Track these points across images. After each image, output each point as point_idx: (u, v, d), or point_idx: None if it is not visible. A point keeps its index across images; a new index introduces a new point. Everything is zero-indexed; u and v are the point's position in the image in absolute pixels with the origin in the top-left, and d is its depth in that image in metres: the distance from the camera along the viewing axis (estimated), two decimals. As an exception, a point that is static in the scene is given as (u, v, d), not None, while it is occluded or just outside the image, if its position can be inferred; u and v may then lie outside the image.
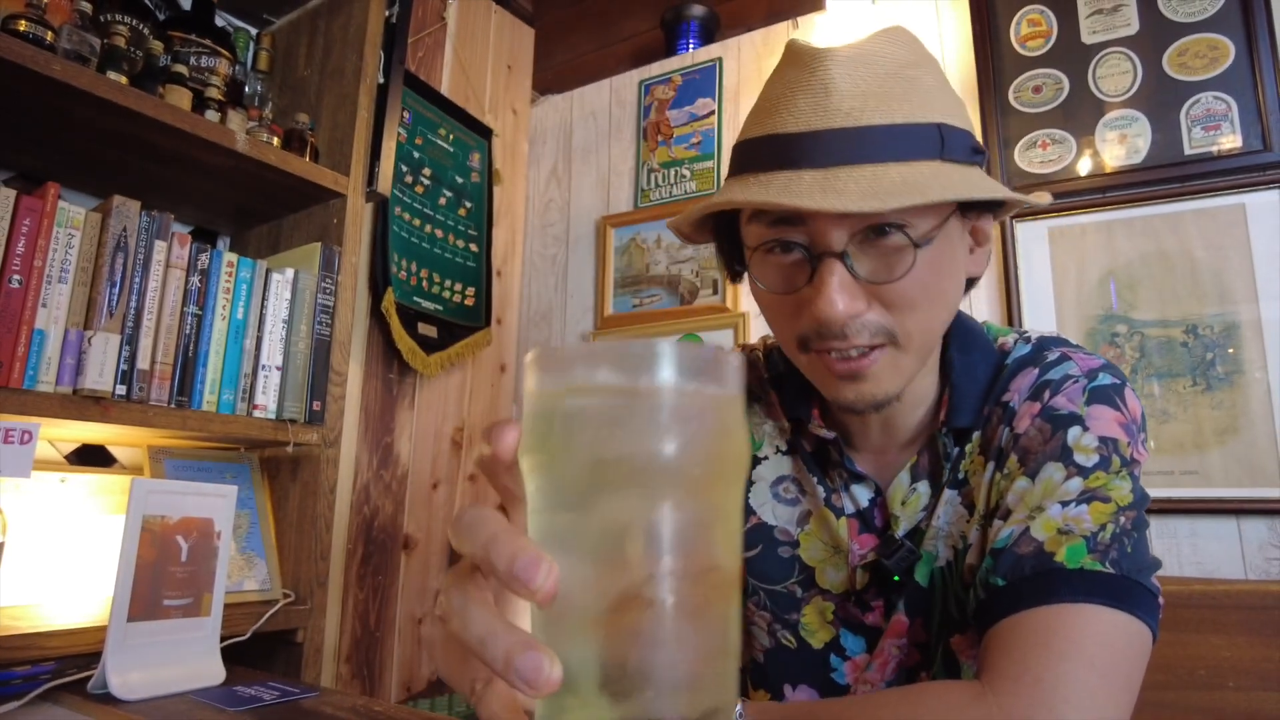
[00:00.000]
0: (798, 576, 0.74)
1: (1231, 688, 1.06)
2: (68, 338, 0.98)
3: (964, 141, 0.60)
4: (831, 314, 0.58)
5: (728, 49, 2.04)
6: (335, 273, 1.28)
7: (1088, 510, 0.57)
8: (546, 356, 0.32)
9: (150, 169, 1.20)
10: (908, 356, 0.62)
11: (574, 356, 0.32)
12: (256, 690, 0.87)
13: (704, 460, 0.30)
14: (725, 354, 0.31)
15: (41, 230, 0.97)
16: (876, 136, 0.56)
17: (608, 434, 0.30)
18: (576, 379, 0.31)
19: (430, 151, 1.81)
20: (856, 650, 0.71)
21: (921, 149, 0.57)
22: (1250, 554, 1.30)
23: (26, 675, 0.88)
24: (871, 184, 0.55)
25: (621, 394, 0.30)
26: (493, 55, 2.07)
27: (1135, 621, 0.54)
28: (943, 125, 0.58)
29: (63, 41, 1.01)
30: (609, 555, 0.30)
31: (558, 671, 0.28)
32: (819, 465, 0.74)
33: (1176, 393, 1.39)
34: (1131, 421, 0.63)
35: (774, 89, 0.62)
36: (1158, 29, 1.51)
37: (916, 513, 0.69)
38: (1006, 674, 0.52)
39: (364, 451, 1.62)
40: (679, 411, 0.30)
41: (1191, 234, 1.43)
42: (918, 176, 0.56)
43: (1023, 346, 0.70)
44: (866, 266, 0.59)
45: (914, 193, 0.54)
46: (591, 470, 0.30)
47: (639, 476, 0.29)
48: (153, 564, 0.86)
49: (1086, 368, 0.65)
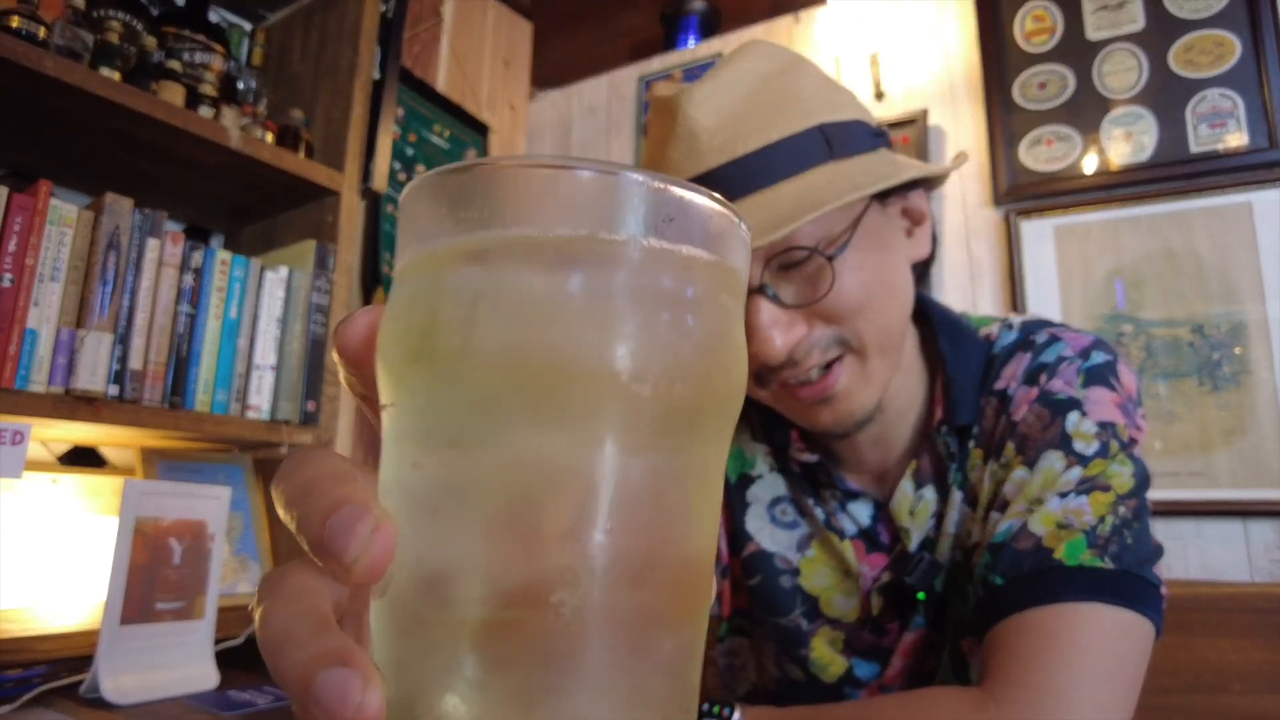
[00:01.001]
0: (801, 608, 0.69)
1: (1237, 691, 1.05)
2: (60, 337, 0.97)
3: (856, 132, 0.58)
4: (771, 352, 0.56)
5: (728, 43, 2.02)
6: (330, 271, 1.27)
7: (1088, 501, 0.56)
8: (432, 188, 0.21)
9: (143, 166, 1.19)
10: (872, 360, 0.60)
11: (478, 187, 0.20)
12: (250, 695, 0.86)
13: (688, 378, 0.19)
14: (724, 204, 0.22)
15: (33, 228, 0.96)
16: (756, 162, 0.55)
17: (526, 326, 0.18)
18: (474, 235, 0.19)
19: (425, 148, 1.79)
20: (871, 676, 0.68)
21: (808, 157, 0.55)
22: (1256, 556, 1.28)
23: (18, 679, 0.88)
24: (764, 212, 0.54)
25: (557, 261, 0.19)
26: (490, 50, 2.05)
27: (1138, 618, 0.53)
28: (825, 125, 0.56)
29: (55, 37, 1.00)
30: (504, 522, 0.19)
31: (374, 702, 0.18)
32: (811, 486, 0.70)
33: (1183, 393, 1.37)
34: (1128, 399, 0.61)
35: (650, 148, 0.61)
36: (1163, 25, 1.50)
37: (927, 520, 0.65)
38: (1009, 679, 0.51)
39: (358, 452, 1.61)
40: (657, 294, 0.19)
41: (1198, 232, 1.41)
42: (810, 188, 0.54)
43: (1008, 333, 0.68)
44: (790, 291, 0.57)
45: (808, 208, 0.52)
46: (493, 386, 0.19)
47: (577, 399, 0.18)
48: (145, 566, 0.85)
49: (1079, 347, 0.63)
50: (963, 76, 1.68)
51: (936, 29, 1.74)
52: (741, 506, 0.73)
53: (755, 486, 0.73)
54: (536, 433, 0.19)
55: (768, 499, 0.73)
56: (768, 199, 0.54)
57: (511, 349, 0.18)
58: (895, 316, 0.61)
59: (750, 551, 0.72)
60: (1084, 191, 1.51)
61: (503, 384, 0.19)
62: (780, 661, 0.71)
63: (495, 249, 0.19)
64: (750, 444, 0.75)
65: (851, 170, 0.56)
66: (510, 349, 0.19)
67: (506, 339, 0.19)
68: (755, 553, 0.72)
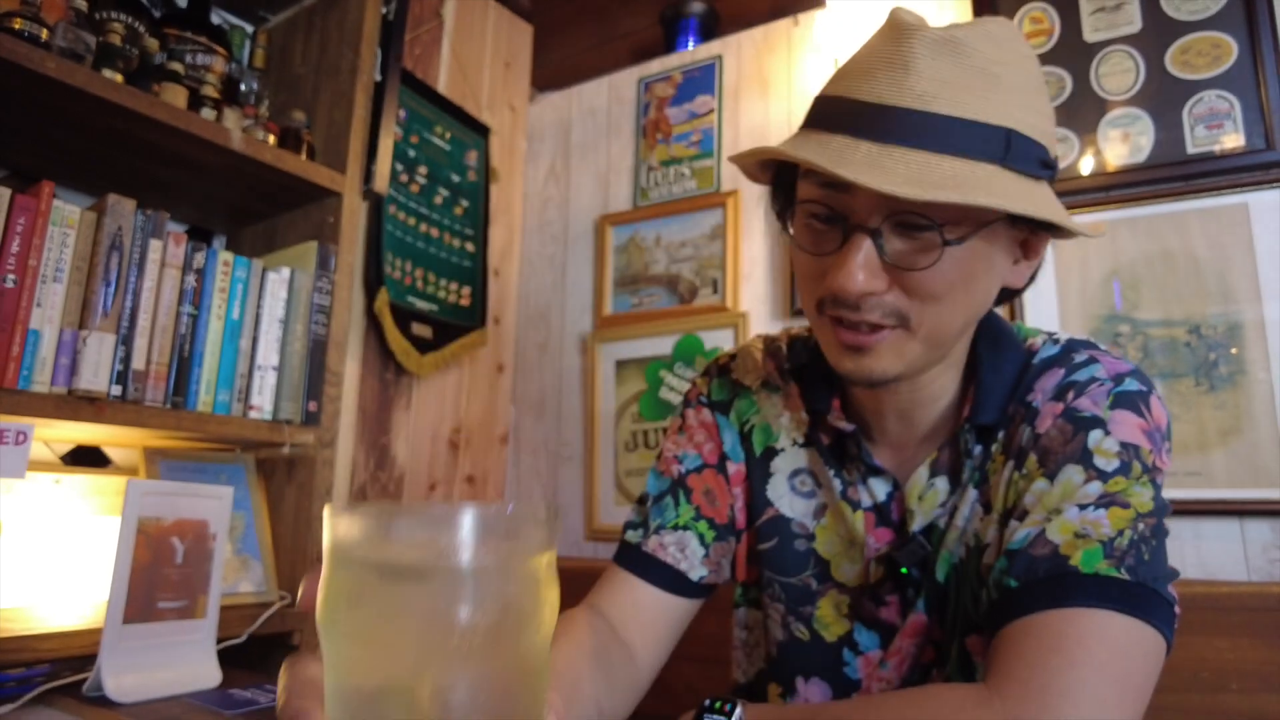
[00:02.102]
0: (813, 569, 0.74)
1: (1235, 690, 1.06)
2: (62, 338, 0.98)
3: (1033, 152, 0.58)
4: (848, 286, 0.58)
5: (728, 46, 2.03)
6: (331, 272, 1.27)
7: (1106, 515, 0.56)
8: (335, 515, 0.33)
9: (145, 167, 1.19)
10: (914, 343, 0.61)
11: (359, 521, 0.32)
12: (252, 693, 0.86)
13: (495, 635, 0.30)
14: (504, 515, 0.32)
15: (36, 229, 0.96)
16: (940, 125, 0.55)
17: (375, 616, 0.30)
18: (354, 550, 0.32)
19: (426, 150, 1.80)
20: (870, 646, 0.71)
21: (983, 149, 0.56)
22: (1253, 556, 1.29)
23: (20, 678, 0.88)
24: (920, 171, 0.54)
25: (392, 573, 0.31)
26: (490, 52, 2.06)
27: (1149, 630, 0.53)
28: (1012, 131, 0.57)
29: (57, 39, 1.00)
30: None
31: None
32: (836, 459, 0.74)
33: (1180, 393, 1.38)
34: (1155, 429, 0.62)
35: (862, 53, 0.62)
36: (1160, 27, 1.50)
37: (933, 509, 0.68)
38: (1014, 677, 0.51)
39: (360, 452, 1.61)
40: (468, 592, 0.30)
41: (1194, 233, 1.42)
42: (969, 175, 0.55)
43: (1051, 347, 0.69)
44: (895, 249, 0.58)
45: (956, 190, 0.53)
46: (362, 655, 0.31)
47: (420, 669, 0.30)
48: (148, 566, 0.86)
49: (1113, 371, 0.64)
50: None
51: (935, 31, 1.74)
52: (764, 476, 0.78)
53: (779, 459, 0.78)
54: (396, 694, 0.30)
55: (789, 470, 0.77)
56: (930, 161, 0.55)
57: (366, 629, 0.30)
58: (960, 321, 0.63)
59: (769, 516, 0.77)
60: (1081, 192, 1.51)
61: (364, 655, 0.31)
62: (786, 622, 0.75)
63: (365, 561, 0.32)
64: (777, 418, 0.79)
65: (1011, 182, 0.57)
66: (365, 629, 0.30)
67: (364, 621, 0.30)
68: (774, 517, 0.77)
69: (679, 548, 0.75)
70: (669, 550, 0.75)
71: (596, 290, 2.06)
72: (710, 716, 0.55)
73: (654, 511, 0.78)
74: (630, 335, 1.96)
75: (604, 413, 1.96)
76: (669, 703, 1.22)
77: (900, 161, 0.54)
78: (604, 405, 1.96)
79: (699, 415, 0.82)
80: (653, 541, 0.75)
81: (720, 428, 0.81)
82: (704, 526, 0.77)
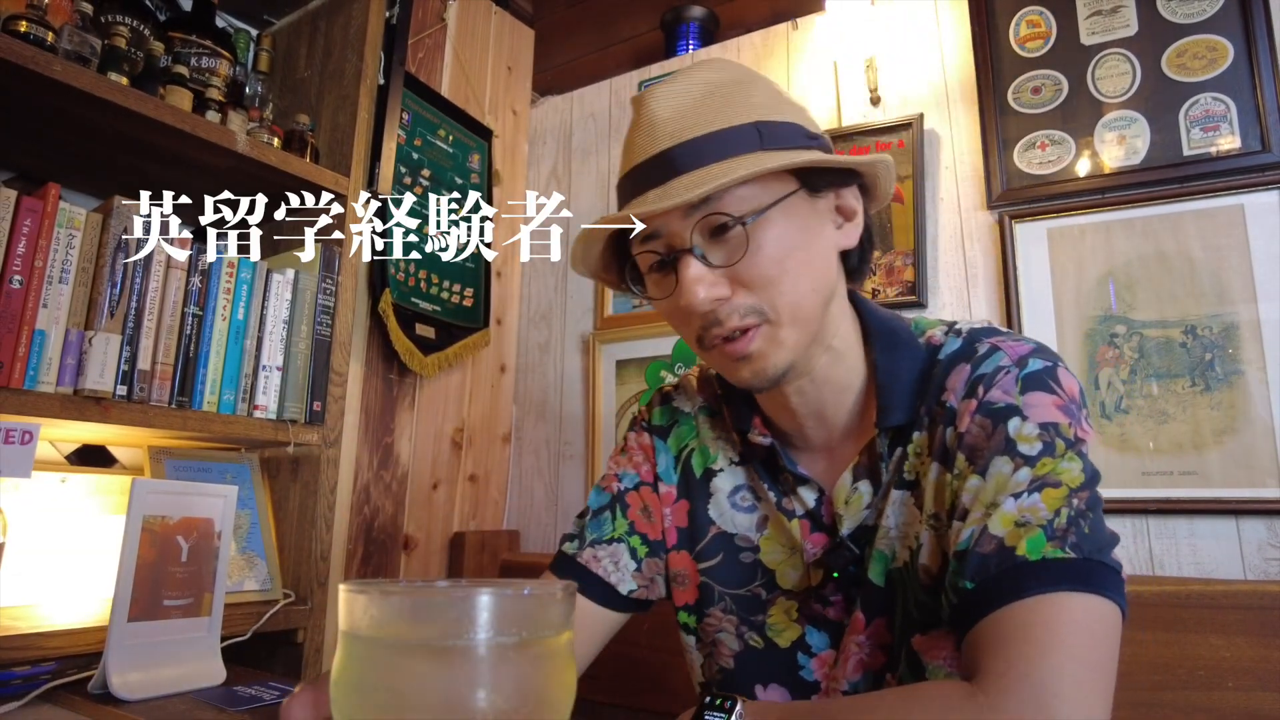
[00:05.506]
0: (761, 579, 0.77)
1: (1231, 688, 1.06)
2: (68, 338, 0.98)
3: (790, 131, 0.66)
4: (694, 302, 0.64)
5: (727, 50, 2.04)
6: (335, 273, 1.28)
7: (1040, 498, 0.58)
8: (351, 594, 0.33)
9: (151, 170, 1.20)
10: (782, 329, 0.66)
11: (377, 600, 0.32)
12: (257, 690, 0.87)
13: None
14: (531, 596, 0.33)
15: (42, 231, 0.97)
16: (697, 145, 0.64)
17: (393, 698, 0.30)
18: (372, 630, 0.32)
19: (430, 153, 1.81)
20: (822, 647, 0.73)
21: (740, 145, 0.64)
22: (1249, 554, 1.30)
23: (26, 675, 0.89)
24: (696, 181, 0.62)
25: (405, 652, 0.31)
26: (493, 56, 2.07)
27: (1104, 602, 0.55)
28: (760, 123, 0.65)
29: (63, 42, 1.01)
30: None
31: None
32: (769, 472, 0.78)
33: (1175, 393, 1.39)
34: (1070, 401, 0.63)
35: (626, 137, 0.71)
36: (1156, 30, 1.51)
37: (859, 512, 0.71)
38: (993, 672, 0.53)
39: (364, 452, 1.62)
40: (489, 675, 0.30)
41: (1190, 235, 1.43)
42: (734, 166, 0.62)
43: (953, 341, 0.71)
44: (716, 254, 0.65)
45: (725, 178, 0.60)
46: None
47: None
48: (153, 564, 0.86)
49: (1016, 355, 0.66)
50: (958, 82, 1.70)
51: (932, 35, 1.76)
52: (705, 497, 0.82)
53: (718, 478, 0.82)
54: None
55: (729, 488, 0.81)
56: (701, 174, 0.63)
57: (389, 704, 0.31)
58: (808, 292, 0.67)
59: (712, 534, 0.80)
60: (1077, 195, 1.52)
61: None
62: (740, 632, 0.78)
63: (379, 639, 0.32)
64: (715, 440, 0.83)
65: (773, 158, 0.63)
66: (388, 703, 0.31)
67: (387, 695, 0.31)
68: (717, 535, 0.80)
69: (612, 560, 0.80)
70: (602, 563, 0.80)
71: (598, 291, 2.07)
72: (710, 714, 0.56)
73: (591, 525, 0.83)
74: (631, 336, 1.97)
75: (605, 412, 1.97)
76: (669, 701, 1.23)
77: (679, 185, 0.63)
78: (605, 405, 1.97)
79: (639, 439, 0.88)
80: (587, 554, 0.81)
81: (656, 450, 0.86)
82: (637, 541, 0.82)
